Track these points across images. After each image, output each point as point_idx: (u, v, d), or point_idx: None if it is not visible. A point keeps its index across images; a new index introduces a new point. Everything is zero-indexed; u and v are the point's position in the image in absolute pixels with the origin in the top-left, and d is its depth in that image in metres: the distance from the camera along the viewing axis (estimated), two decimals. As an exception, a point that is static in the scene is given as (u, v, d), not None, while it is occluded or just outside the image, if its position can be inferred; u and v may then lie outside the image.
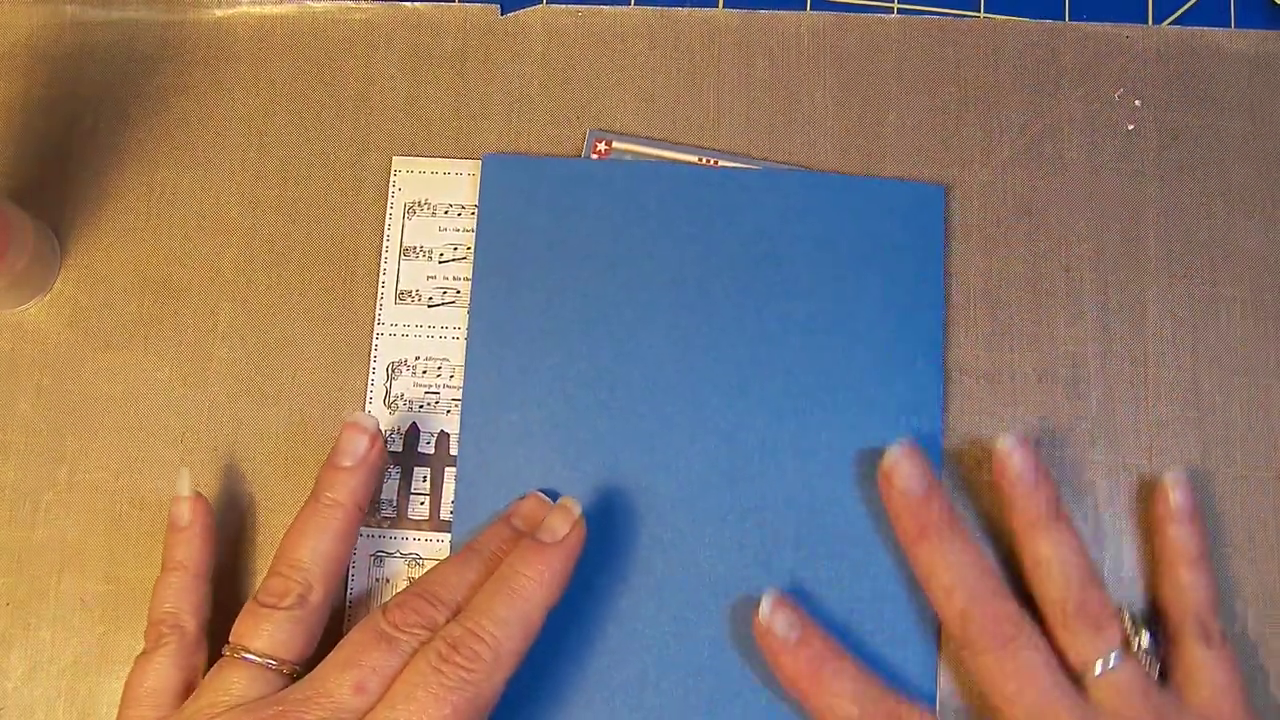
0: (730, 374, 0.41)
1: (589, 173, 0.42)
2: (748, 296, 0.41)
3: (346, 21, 0.45)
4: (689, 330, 0.41)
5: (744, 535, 0.40)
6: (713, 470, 0.40)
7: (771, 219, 0.42)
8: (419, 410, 0.41)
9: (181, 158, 0.44)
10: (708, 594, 0.39)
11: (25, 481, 0.42)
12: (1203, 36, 0.44)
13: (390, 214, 0.43)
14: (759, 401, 0.40)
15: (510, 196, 0.42)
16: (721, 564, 0.39)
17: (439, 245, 0.43)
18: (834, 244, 0.41)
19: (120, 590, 0.41)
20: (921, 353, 0.41)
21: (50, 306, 0.43)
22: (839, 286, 0.41)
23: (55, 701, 0.40)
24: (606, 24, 0.45)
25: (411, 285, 0.42)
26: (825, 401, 0.40)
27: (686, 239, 0.42)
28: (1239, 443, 0.41)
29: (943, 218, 0.42)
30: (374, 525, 0.41)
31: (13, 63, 0.45)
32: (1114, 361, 0.42)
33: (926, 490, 0.37)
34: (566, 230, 0.42)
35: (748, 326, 0.41)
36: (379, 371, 0.42)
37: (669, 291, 0.41)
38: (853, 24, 0.45)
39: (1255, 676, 0.39)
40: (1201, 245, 0.43)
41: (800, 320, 0.41)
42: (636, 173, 0.42)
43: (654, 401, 0.41)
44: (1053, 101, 0.44)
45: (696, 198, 0.42)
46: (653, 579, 0.39)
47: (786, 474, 0.40)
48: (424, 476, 0.41)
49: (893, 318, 0.41)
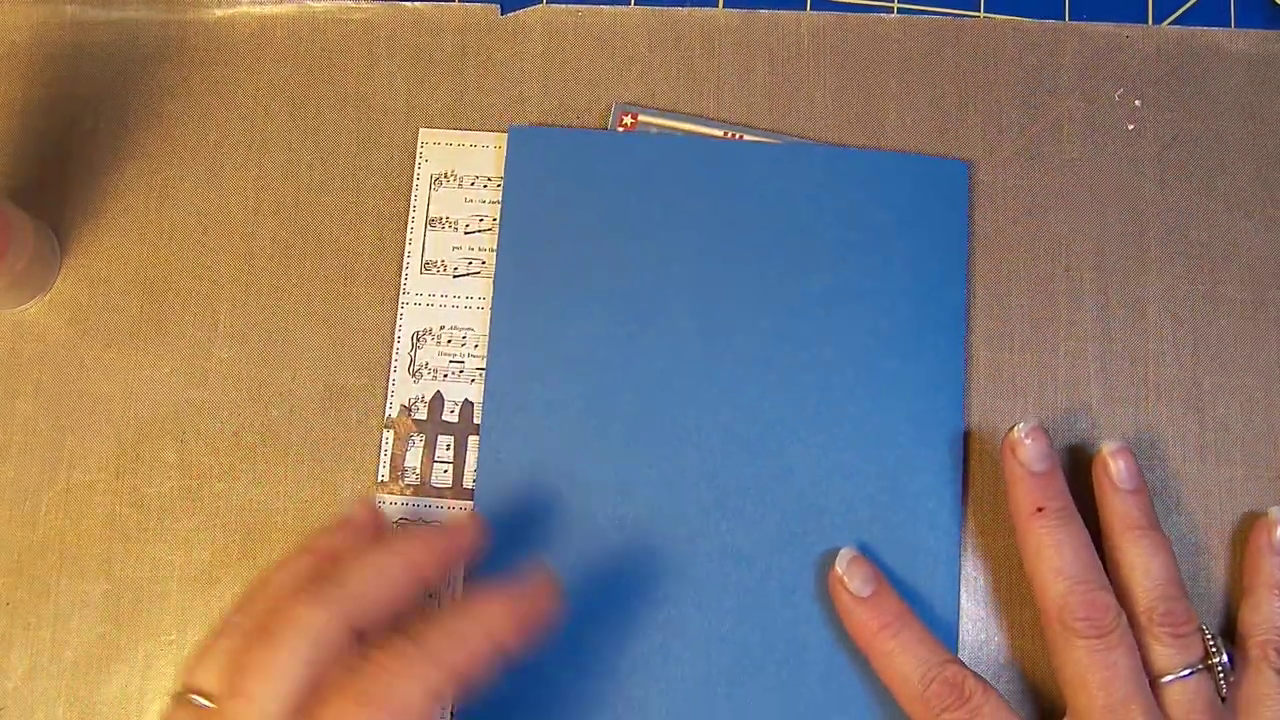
0: (754, 346, 0.41)
1: (615, 145, 0.43)
2: (771, 269, 0.41)
3: (346, 21, 0.45)
4: (712, 302, 0.41)
5: (766, 507, 0.40)
6: (735, 442, 0.40)
7: (796, 193, 0.42)
8: (443, 379, 0.42)
9: (181, 158, 0.44)
10: (730, 564, 0.39)
11: (25, 481, 0.42)
12: (1203, 36, 0.44)
13: (417, 185, 0.43)
14: (783, 373, 0.40)
15: (536, 168, 0.42)
16: (742, 535, 0.40)
17: (464, 216, 0.43)
18: (858, 218, 0.41)
19: (120, 590, 0.41)
20: (944, 328, 0.41)
21: (50, 306, 0.43)
22: (863, 260, 0.41)
23: (55, 701, 0.40)
24: (606, 24, 0.45)
25: (437, 255, 0.43)
26: (848, 375, 0.40)
27: (711, 212, 0.42)
28: (1239, 443, 0.41)
29: (967, 192, 0.42)
30: (398, 493, 0.41)
31: (13, 63, 0.45)
32: (1114, 361, 0.42)
33: (1049, 469, 0.38)
34: (591, 202, 0.42)
35: (771, 299, 0.41)
36: (404, 340, 0.42)
37: (693, 263, 0.41)
38: (853, 24, 0.45)
39: (1255, 676, 0.39)
40: (1201, 245, 0.42)
41: (824, 294, 0.41)
42: (662, 145, 0.43)
43: (677, 373, 0.41)
44: (1053, 101, 0.44)
45: (721, 171, 0.42)
46: (674, 549, 0.39)
47: (809, 447, 0.40)
48: (447, 445, 0.41)
49: (916, 293, 0.41)
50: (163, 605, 0.41)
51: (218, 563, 0.41)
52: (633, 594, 0.39)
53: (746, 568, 0.39)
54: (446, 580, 0.40)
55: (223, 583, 0.41)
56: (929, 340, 0.41)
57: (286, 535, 0.41)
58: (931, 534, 0.39)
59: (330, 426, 0.42)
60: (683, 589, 0.39)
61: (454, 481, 0.41)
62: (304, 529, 0.41)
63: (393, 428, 0.42)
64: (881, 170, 0.42)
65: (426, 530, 0.36)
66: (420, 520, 0.41)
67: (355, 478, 0.41)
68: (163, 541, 0.41)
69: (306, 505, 0.41)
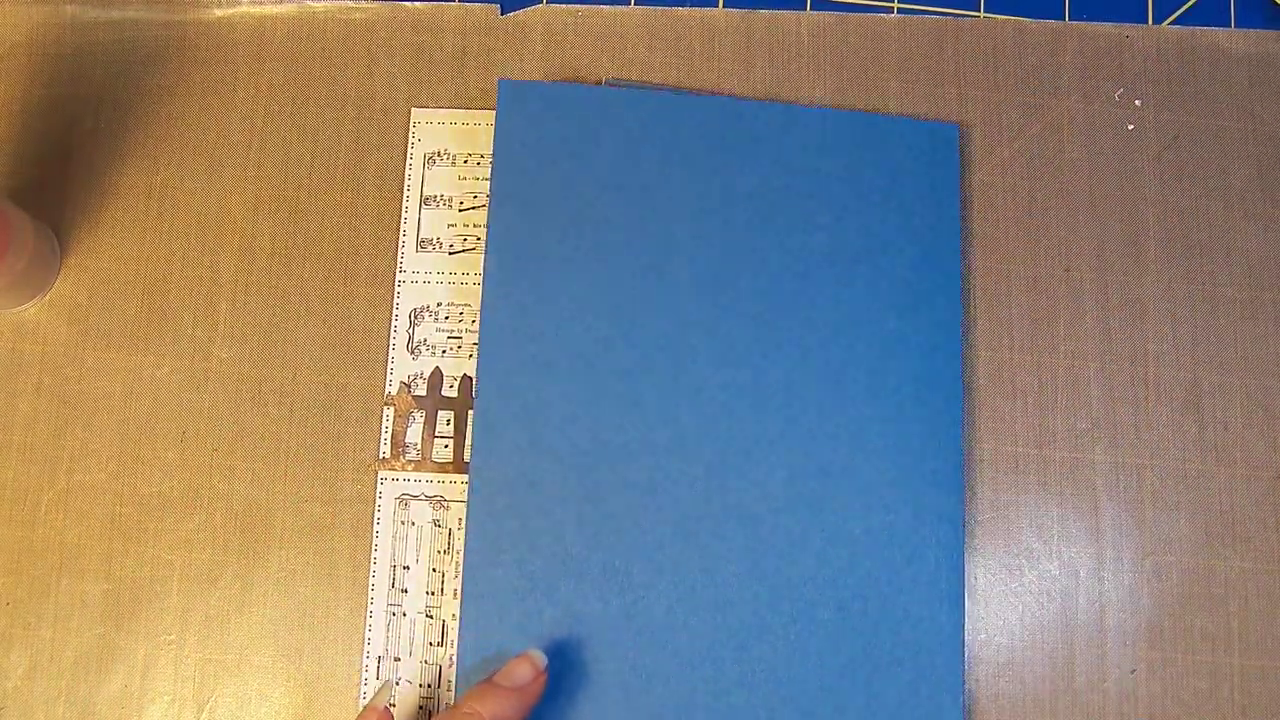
0: (756, 306, 0.40)
1: (609, 100, 0.42)
2: (770, 229, 0.41)
3: (346, 21, 0.45)
4: (713, 260, 0.41)
5: (771, 467, 0.39)
6: (741, 401, 0.40)
7: (793, 153, 0.42)
8: (441, 355, 0.42)
9: (181, 158, 0.44)
10: (734, 525, 0.39)
11: (25, 481, 0.42)
12: (1203, 36, 0.44)
13: (410, 164, 0.43)
14: (784, 334, 0.40)
15: (528, 123, 0.41)
16: (747, 495, 0.39)
17: (459, 194, 0.43)
18: (854, 178, 0.42)
19: (120, 590, 0.41)
20: (941, 288, 0.41)
21: (50, 306, 0.43)
22: (861, 221, 0.41)
23: (55, 701, 0.40)
24: (606, 24, 0.45)
25: (432, 233, 0.43)
26: (851, 333, 0.40)
27: (708, 169, 0.41)
28: (1239, 443, 0.41)
29: (957, 154, 0.43)
30: (398, 469, 0.41)
31: (13, 63, 0.45)
32: (1114, 361, 0.42)
33: None
34: (585, 158, 0.41)
35: (770, 259, 0.41)
36: (402, 318, 0.42)
37: (692, 221, 0.41)
38: (853, 24, 0.45)
39: (1255, 676, 0.39)
40: (1201, 245, 0.42)
41: (825, 252, 0.41)
42: (657, 102, 0.42)
43: (679, 332, 0.40)
44: (1053, 101, 0.44)
45: (717, 130, 0.42)
46: (679, 510, 0.39)
47: (816, 406, 0.40)
48: (448, 420, 0.41)
49: (912, 252, 0.41)
50: (163, 605, 0.41)
51: (218, 563, 0.41)
52: (636, 558, 0.39)
53: (752, 526, 0.39)
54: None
55: (223, 582, 0.41)
56: (926, 299, 0.41)
57: (286, 535, 0.41)
58: (934, 491, 0.39)
59: (331, 425, 0.42)
60: (689, 553, 0.39)
61: (455, 456, 0.41)
62: (304, 529, 0.41)
63: (393, 404, 0.42)
64: (876, 132, 0.42)
65: (506, 692, 0.35)
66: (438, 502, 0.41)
67: (368, 472, 0.41)
68: (163, 541, 0.41)
69: (306, 505, 0.41)
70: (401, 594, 0.40)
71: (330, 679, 0.40)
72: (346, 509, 0.41)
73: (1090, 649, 0.40)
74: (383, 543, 0.41)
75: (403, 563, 0.41)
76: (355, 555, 0.41)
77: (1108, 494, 0.41)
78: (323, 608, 0.40)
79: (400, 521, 0.41)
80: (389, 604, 0.40)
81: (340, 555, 0.41)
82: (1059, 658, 0.40)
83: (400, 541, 0.41)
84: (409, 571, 0.40)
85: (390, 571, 0.40)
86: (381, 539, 0.41)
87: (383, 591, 0.40)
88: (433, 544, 0.41)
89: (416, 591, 0.40)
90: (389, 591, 0.40)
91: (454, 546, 0.41)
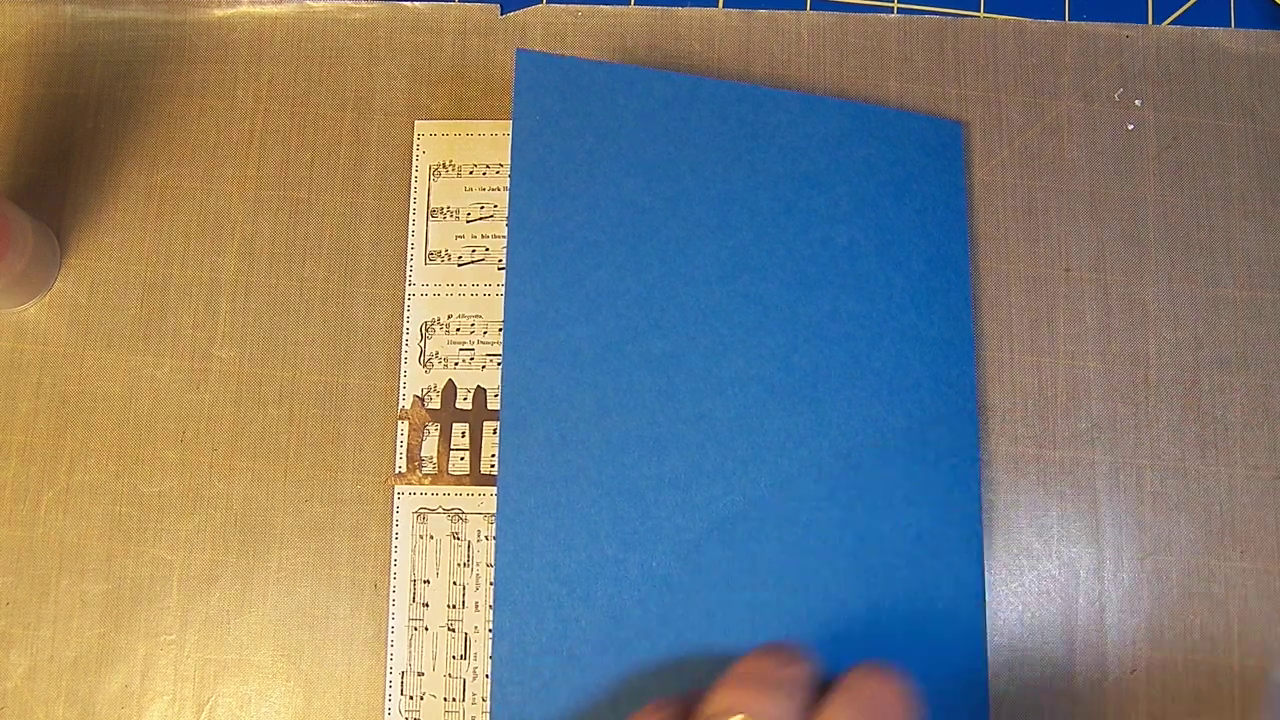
0: (780, 297, 0.40)
1: (630, 79, 0.41)
2: (793, 217, 0.41)
3: (346, 21, 0.45)
4: (738, 249, 0.40)
5: (801, 461, 0.39)
6: (768, 394, 0.39)
7: (809, 142, 0.41)
8: (454, 367, 0.42)
9: (181, 157, 0.44)
10: (770, 525, 0.38)
11: (25, 481, 0.42)
12: (1203, 36, 0.44)
13: (415, 177, 0.43)
14: (810, 324, 0.40)
15: (547, 98, 0.40)
16: (781, 493, 0.39)
17: (466, 205, 0.43)
18: (864, 170, 0.41)
19: (120, 590, 0.41)
20: (951, 284, 0.41)
21: (50, 306, 0.43)
22: (877, 212, 0.41)
23: (55, 701, 0.40)
24: (606, 24, 0.45)
25: (441, 246, 0.43)
26: (869, 327, 0.40)
27: (731, 156, 0.41)
28: (1239, 443, 0.41)
29: (962, 150, 0.43)
30: (415, 483, 0.41)
31: (13, 63, 0.45)
32: (1114, 361, 0.42)
33: None
34: (606, 138, 0.40)
35: (796, 248, 0.40)
36: (413, 332, 0.42)
37: (717, 207, 0.40)
38: (853, 24, 0.45)
39: (1255, 677, 0.39)
40: (1201, 245, 0.43)
41: (843, 244, 0.41)
42: (677, 83, 0.41)
43: (704, 322, 0.39)
44: (1053, 101, 0.44)
45: (737, 114, 0.41)
46: (714, 509, 0.38)
47: (843, 398, 0.39)
48: (463, 432, 0.42)
49: (924, 244, 0.41)
50: (163, 605, 0.41)
51: (218, 563, 0.41)
52: (678, 560, 0.38)
53: (788, 528, 0.38)
54: None
55: (222, 582, 0.41)
56: (940, 294, 0.41)
57: (286, 535, 0.41)
58: (953, 488, 0.39)
59: (331, 425, 0.42)
60: (728, 554, 0.38)
61: (471, 469, 0.41)
62: (304, 529, 0.41)
63: (407, 419, 0.42)
64: (890, 125, 0.42)
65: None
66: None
67: (369, 472, 0.41)
68: (163, 541, 0.41)
69: (306, 505, 0.41)
70: (423, 608, 0.40)
71: (330, 679, 0.40)
72: (347, 509, 0.41)
73: (1090, 649, 0.40)
74: (402, 557, 0.41)
75: (423, 577, 0.41)
76: (356, 555, 0.41)
77: (1108, 494, 0.41)
78: (323, 608, 0.40)
79: (419, 536, 0.41)
80: (410, 619, 0.40)
81: (340, 555, 0.41)
82: (1059, 658, 0.40)
83: (420, 556, 0.41)
84: (429, 585, 0.41)
85: (410, 586, 0.41)
86: (400, 553, 0.41)
87: (403, 606, 0.40)
88: (452, 557, 0.41)
89: (438, 605, 0.40)
90: (409, 606, 0.40)
91: (474, 559, 0.41)
